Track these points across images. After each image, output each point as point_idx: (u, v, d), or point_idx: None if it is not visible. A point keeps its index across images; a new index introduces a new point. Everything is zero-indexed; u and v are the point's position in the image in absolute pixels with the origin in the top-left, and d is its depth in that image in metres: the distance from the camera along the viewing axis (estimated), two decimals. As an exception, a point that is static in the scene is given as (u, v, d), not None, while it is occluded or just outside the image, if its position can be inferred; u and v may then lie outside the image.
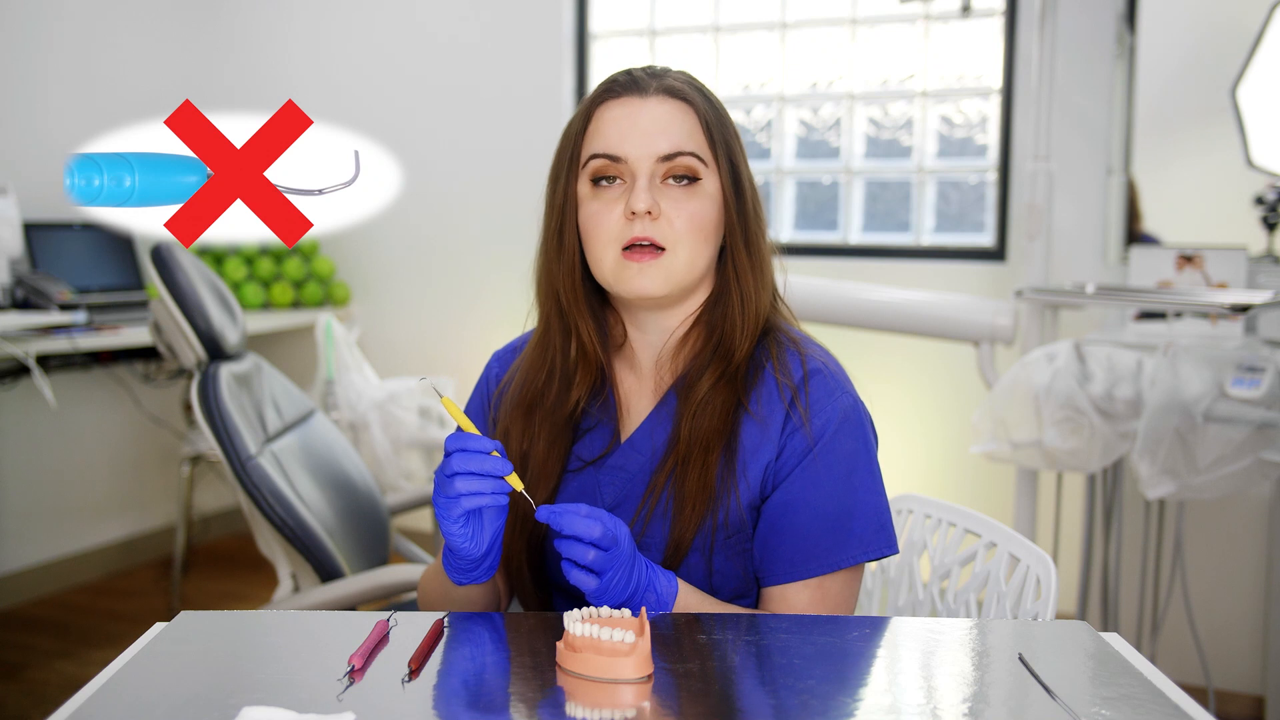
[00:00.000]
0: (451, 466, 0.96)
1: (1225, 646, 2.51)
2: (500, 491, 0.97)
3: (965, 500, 2.93)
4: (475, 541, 1.00)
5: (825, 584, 1.10)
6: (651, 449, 1.14)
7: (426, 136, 3.60)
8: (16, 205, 2.90)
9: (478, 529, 0.99)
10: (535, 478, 1.15)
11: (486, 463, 0.95)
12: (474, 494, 0.96)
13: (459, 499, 0.96)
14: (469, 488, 0.95)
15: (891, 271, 3.08)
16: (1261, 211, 2.59)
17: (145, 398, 3.41)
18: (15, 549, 3.13)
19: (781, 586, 1.10)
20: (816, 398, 1.11)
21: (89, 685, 0.86)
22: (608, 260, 1.10)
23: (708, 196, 1.11)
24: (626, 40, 3.46)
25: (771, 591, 1.11)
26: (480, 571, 1.04)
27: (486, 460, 0.95)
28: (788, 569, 1.09)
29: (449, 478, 0.96)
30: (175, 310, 1.91)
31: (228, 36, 3.77)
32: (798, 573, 1.09)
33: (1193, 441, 2.00)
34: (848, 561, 1.09)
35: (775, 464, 1.10)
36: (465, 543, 0.99)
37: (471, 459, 0.95)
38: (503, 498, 0.97)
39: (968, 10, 3.01)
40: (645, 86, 1.11)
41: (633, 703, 0.84)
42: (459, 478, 0.95)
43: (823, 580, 1.09)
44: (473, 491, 0.96)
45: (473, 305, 3.58)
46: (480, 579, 1.05)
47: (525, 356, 1.21)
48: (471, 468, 0.95)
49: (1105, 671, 0.89)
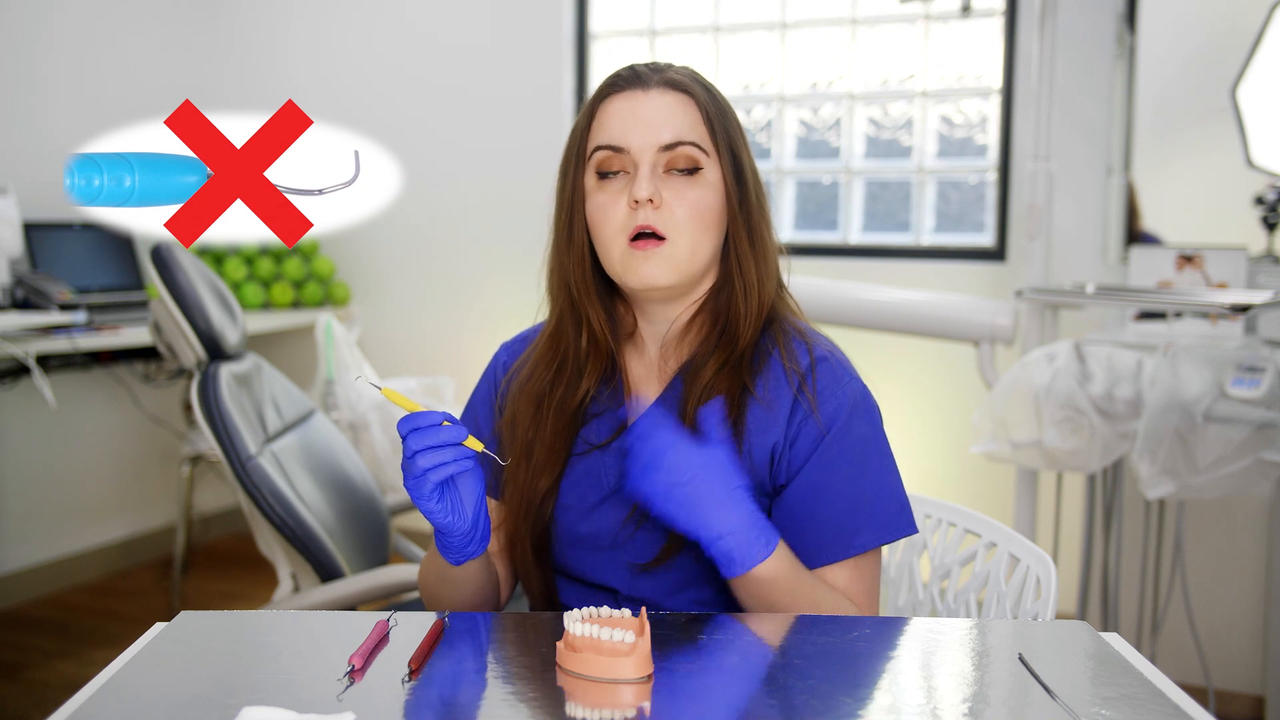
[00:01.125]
0: (410, 447, 0.97)
1: (1225, 646, 2.51)
2: (464, 457, 0.98)
3: (965, 500, 2.93)
4: (458, 514, 1.01)
5: (859, 563, 1.12)
6: None
7: (426, 137, 3.60)
8: (16, 205, 2.90)
9: (455, 501, 1.01)
10: (541, 465, 1.17)
11: (441, 434, 0.96)
12: (438, 466, 0.97)
13: (425, 475, 0.97)
14: (431, 461, 0.96)
15: (891, 271, 3.08)
16: (1261, 211, 2.59)
17: (145, 398, 3.41)
18: (15, 549, 3.13)
19: (819, 570, 1.11)
20: (825, 384, 1.13)
21: (89, 685, 0.86)
22: (615, 251, 1.12)
23: (709, 186, 1.13)
24: (626, 40, 3.46)
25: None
26: (473, 546, 1.05)
27: (441, 431, 0.96)
28: (813, 554, 1.11)
29: (410, 459, 0.97)
30: (175, 310, 1.91)
31: (228, 36, 3.77)
32: (823, 557, 1.10)
33: (1193, 441, 2.00)
34: (871, 544, 1.11)
35: (788, 453, 1.12)
36: (447, 517, 1.00)
37: (426, 434, 0.96)
38: (468, 462, 0.98)
39: (968, 10, 3.01)
40: (647, 80, 1.14)
41: (633, 703, 0.84)
42: (419, 455, 0.96)
43: (857, 561, 1.12)
44: (436, 464, 0.97)
45: (472, 305, 3.58)
46: (475, 553, 1.05)
47: (537, 347, 1.23)
48: (428, 442, 0.96)
49: (1105, 671, 0.89)
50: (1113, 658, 0.92)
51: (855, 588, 1.12)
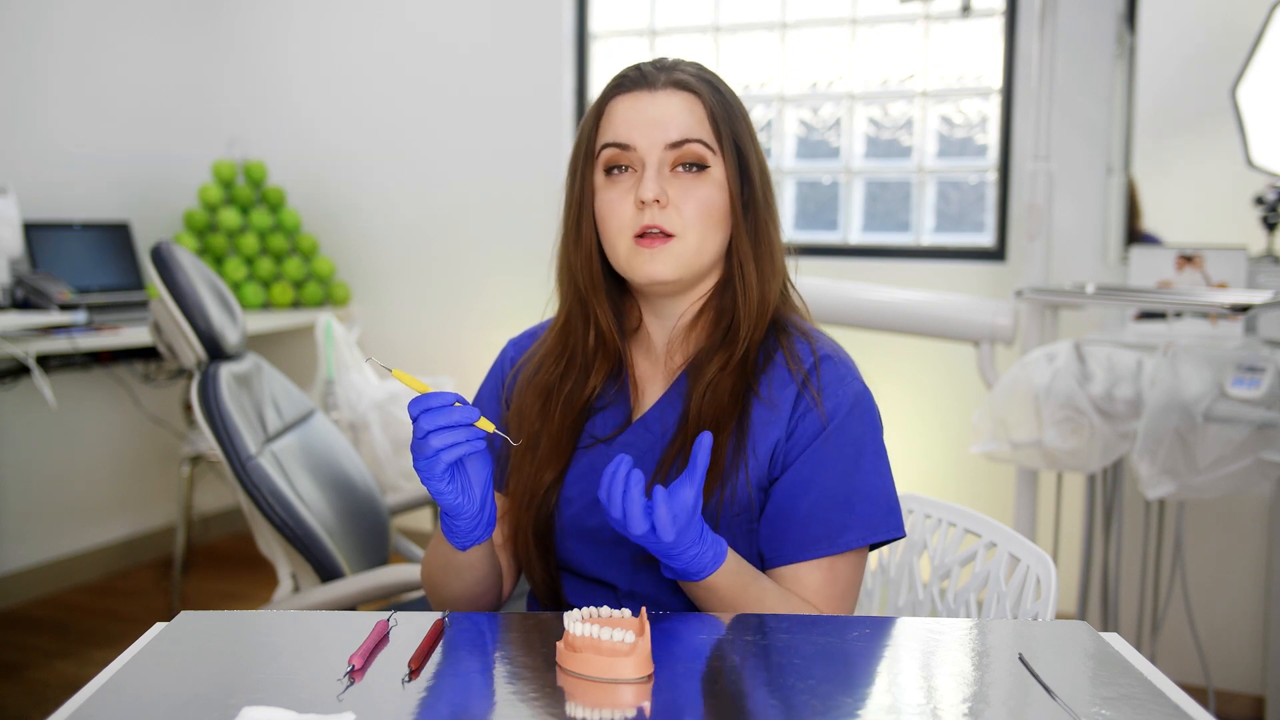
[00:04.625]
0: (422, 428, 0.97)
1: (1225, 646, 2.51)
2: (476, 437, 0.98)
3: (965, 500, 2.93)
4: (467, 495, 1.01)
5: (835, 564, 1.11)
6: (662, 428, 1.17)
7: (426, 137, 3.60)
8: (16, 205, 2.90)
9: (465, 482, 1.01)
10: (547, 456, 1.18)
11: (453, 414, 0.96)
12: (451, 446, 0.97)
13: (438, 455, 0.97)
14: (444, 441, 0.96)
15: (891, 271, 3.08)
16: (1261, 211, 2.59)
17: (145, 398, 3.41)
18: (15, 549, 3.13)
19: (793, 566, 1.11)
20: (828, 381, 1.14)
21: (89, 685, 0.86)
22: (621, 248, 1.13)
23: (716, 184, 1.14)
24: (626, 40, 3.46)
25: (783, 571, 1.12)
26: (480, 530, 1.05)
27: (453, 412, 0.96)
28: (797, 549, 1.10)
29: (422, 439, 0.97)
30: (175, 310, 1.91)
31: (228, 36, 3.77)
32: (807, 552, 1.10)
33: (1193, 441, 2.00)
34: (857, 542, 1.11)
35: (786, 444, 1.13)
36: (457, 498, 1.00)
37: (438, 415, 0.96)
38: (479, 443, 0.98)
39: (968, 10, 3.01)
40: (654, 80, 1.15)
41: (633, 703, 0.84)
42: (431, 435, 0.96)
43: (834, 561, 1.11)
44: (449, 445, 0.96)
45: (472, 305, 3.58)
46: (481, 538, 1.06)
47: (545, 341, 1.24)
48: (440, 422, 0.96)
49: (1105, 671, 0.89)
50: (1113, 658, 0.92)
51: (825, 591, 1.11)
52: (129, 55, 3.48)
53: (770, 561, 1.13)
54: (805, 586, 1.11)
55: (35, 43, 3.18)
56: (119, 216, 3.41)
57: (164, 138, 3.60)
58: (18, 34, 3.13)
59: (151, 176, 3.56)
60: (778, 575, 1.12)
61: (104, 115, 3.38)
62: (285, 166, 3.73)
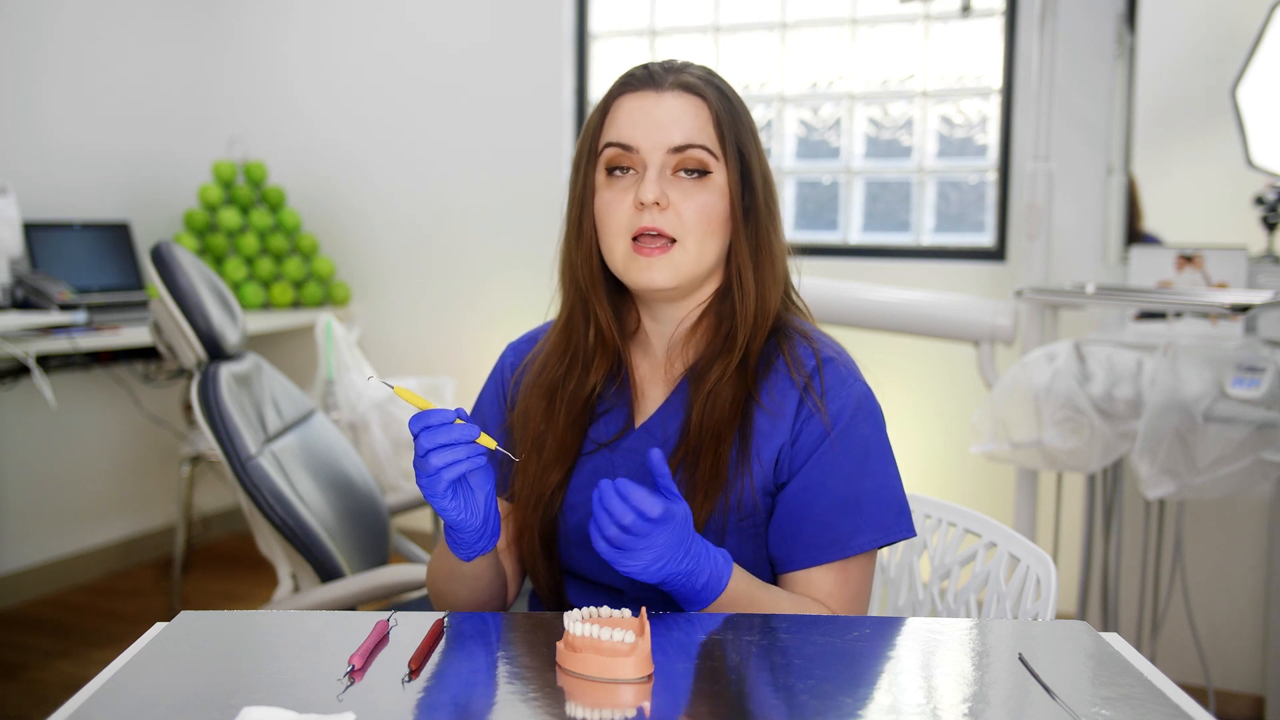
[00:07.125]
0: (422, 446, 0.97)
1: (1225, 646, 2.51)
2: (476, 454, 0.98)
3: (965, 500, 2.93)
4: (470, 511, 1.01)
5: (848, 567, 1.11)
6: (664, 435, 1.17)
7: (426, 137, 3.60)
8: (16, 205, 2.90)
9: (468, 497, 1.01)
10: (552, 458, 1.17)
11: (454, 431, 0.96)
12: (452, 464, 0.97)
13: (439, 473, 0.97)
14: (445, 459, 0.96)
15: (891, 271, 3.08)
16: (1261, 211, 2.59)
17: (145, 398, 3.41)
18: (15, 549, 3.13)
19: (806, 571, 1.11)
20: (831, 384, 1.13)
21: (89, 685, 0.86)
22: (618, 250, 1.13)
23: (717, 190, 1.13)
24: (626, 40, 3.46)
25: (795, 576, 1.12)
26: (484, 542, 1.05)
27: (453, 429, 0.96)
28: (810, 553, 1.10)
29: (423, 457, 0.97)
30: (175, 310, 1.91)
31: (227, 36, 3.77)
32: (820, 556, 1.10)
33: (1193, 441, 2.00)
34: (869, 545, 1.11)
35: (790, 450, 1.12)
36: (460, 514, 1.00)
37: (438, 432, 0.96)
38: (480, 459, 0.98)
39: (968, 10, 3.01)
40: (661, 81, 1.14)
41: (633, 703, 0.84)
42: (432, 453, 0.96)
43: (846, 563, 1.11)
44: (450, 462, 0.97)
45: (472, 305, 3.58)
46: (485, 549, 1.06)
47: (548, 341, 1.23)
48: (440, 440, 0.96)
49: (1105, 671, 0.89)
50: (1113, 658, 0.92)
51: (838, 593, 1.11)
52: (129, 55, 3.48)
53: (782, 566, 1.12)
54: (819, 590, 1.11)
55: (35, 42, 3.18)
56: (119, 216, 3.41)
57: (164, 137, 3.60)
58: (17, 34, 3.13)
59: (151, 176, 3.56)
60: (790, 579, 1.12)
61: (104, 115, 3.38)
62: (285, 166, 3.73)
